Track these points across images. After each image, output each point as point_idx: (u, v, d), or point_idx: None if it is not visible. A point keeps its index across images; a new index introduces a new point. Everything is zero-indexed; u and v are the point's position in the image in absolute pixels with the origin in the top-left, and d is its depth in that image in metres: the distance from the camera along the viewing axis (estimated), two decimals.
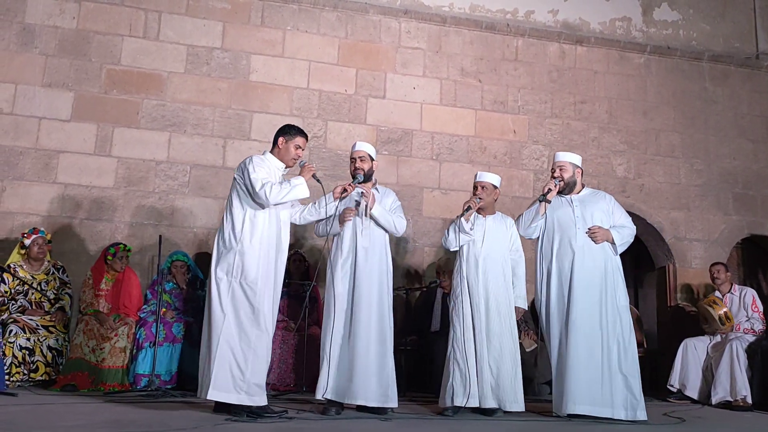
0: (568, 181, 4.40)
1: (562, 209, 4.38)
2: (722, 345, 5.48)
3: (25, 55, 5.93)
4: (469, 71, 6.90)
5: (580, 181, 4.48)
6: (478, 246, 4.34)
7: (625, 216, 4.43)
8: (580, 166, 4.50)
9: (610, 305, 4.16)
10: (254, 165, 3.80)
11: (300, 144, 3.98)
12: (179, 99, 6.17)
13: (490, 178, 4.54)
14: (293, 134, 3.98)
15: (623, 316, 4.18)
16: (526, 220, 4.43)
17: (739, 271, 7.38)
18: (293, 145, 3.96)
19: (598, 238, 4.23)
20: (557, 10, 7.26)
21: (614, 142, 7.10)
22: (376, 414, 3.94)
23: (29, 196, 5.73)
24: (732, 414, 4.95)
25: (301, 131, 4.03)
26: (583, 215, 4.31)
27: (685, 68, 7.44)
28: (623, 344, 4.11)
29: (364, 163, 4.25)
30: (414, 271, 6.39)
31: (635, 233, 4.42)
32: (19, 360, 4.73)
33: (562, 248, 4.29)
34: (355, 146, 4.35)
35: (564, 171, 4.41)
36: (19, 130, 5.80)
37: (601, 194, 4.52)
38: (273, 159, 3.97)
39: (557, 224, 4.36)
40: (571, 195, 4.42)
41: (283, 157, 3.98)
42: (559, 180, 4.37)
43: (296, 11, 6.57)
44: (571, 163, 4.45)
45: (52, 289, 5.17)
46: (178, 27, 6.29)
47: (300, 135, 4.00)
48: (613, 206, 4.42)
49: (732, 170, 7.32)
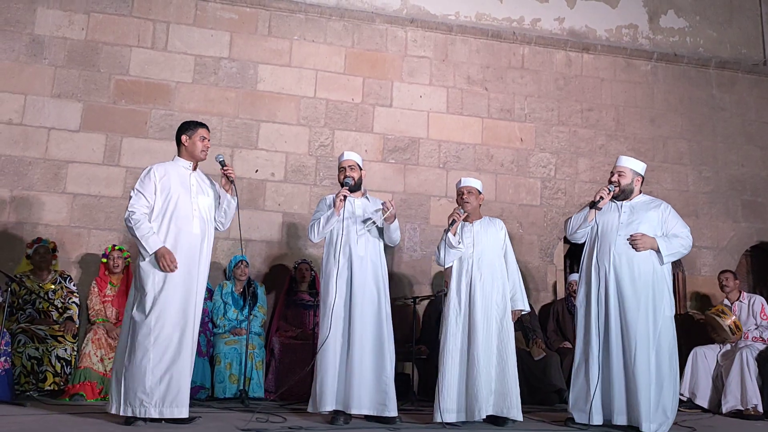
0: (624, 188, 4.26)
1: (609, 214, 4.26)
2: (732, 353, 5.44)
3: (34, 66, 5.98)
4: (475, 79, 6.90)
5: (638, 189, 4.33)
6: (469, 252, 4.28)
7: (681, 225, 4.22)
8: (642, 174, 4.34)
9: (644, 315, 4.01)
10: (135, 190, 3.78)
11: (204, 135, 3.92)
12: (187, 109, 6.20)
13: (474, 183, 4.47)
14: (194, 128, 3.94)
15: (665, 326, 4.04)
16: (573, 224, 4.32)
17: (748, 279, 7.33)
18: (198, 138, 3.90)
19: (639, 245, 4.08)
20: (563, 18, 7.27)
21: (622, 150, 7.07)
22: (384, 423, 3.93)
23: (39, 206, 5.76)
24: (743, 423, 4.91)
25: (200, 123, 4.00)
26: (628, 222, 4.17)
27: (692, 75, 7.42)
28: (662, 356, 3.98)
29: (354, 172, 4.26)
30: (421, 280, 6.38)
31: (691, 244, 4.22)
32: (27, 370, 4.74)
33: (601, 254, 4.18)
34: (343, 156, 4.38)
35: (622, 177, 4.27)
36: (28, 141, 5.84)
37: (657, 202, 4.31)
38: (180, 161, 3.91)
39: (601, 230, 4.24)
40: (624, 201, 4.28)
41: (192, 153, 3.91)
42: (615, 186, 4.24)
43: (303, 21, 6.61)
44: (632, 169, 4.30)
45: (59, 298, 5.19)
46: (186, 37, 6.33)
47: (200, 126, 3.95)
48: (669, 215, 4.22)
49: (740, 177, 7.29)
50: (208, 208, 3.90)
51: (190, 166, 3.92)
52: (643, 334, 3.99)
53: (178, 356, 3.60)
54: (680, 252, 4.19)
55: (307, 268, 5.84)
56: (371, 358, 3.98)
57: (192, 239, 3.76)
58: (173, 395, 3.55)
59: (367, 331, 4.00)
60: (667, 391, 3.98)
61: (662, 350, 4.01)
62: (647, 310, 4.04)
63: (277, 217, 6.22)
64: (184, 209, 3.77)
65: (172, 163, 3.92)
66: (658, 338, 4.02)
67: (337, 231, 4.12)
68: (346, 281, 4.07)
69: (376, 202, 4.37)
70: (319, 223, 4.15)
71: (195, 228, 3.78)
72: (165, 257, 3.62)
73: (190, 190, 3.84)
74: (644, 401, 3.88)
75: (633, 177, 4.28)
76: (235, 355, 5.22)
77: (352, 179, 4.21)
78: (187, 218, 3.76)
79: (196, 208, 3.81)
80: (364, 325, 4.00)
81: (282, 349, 5.47)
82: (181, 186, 3.82)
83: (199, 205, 3.84)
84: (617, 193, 4.25)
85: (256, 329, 5.44)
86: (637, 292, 4.06)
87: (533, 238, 6.68)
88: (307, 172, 6.35)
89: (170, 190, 3.78)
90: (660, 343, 4.01)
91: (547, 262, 6.71)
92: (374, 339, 4.02)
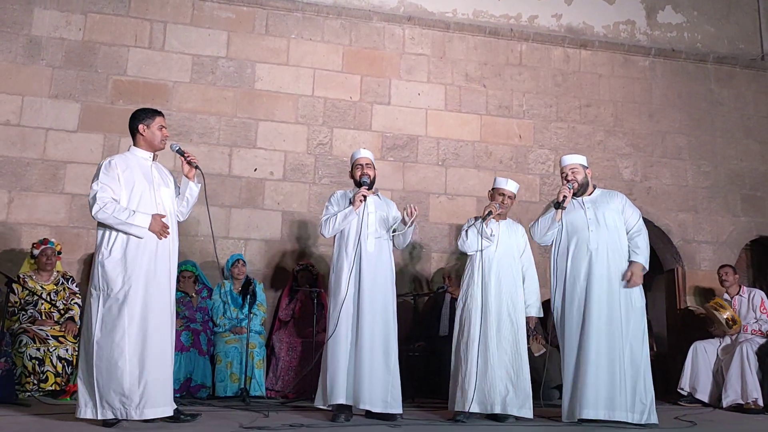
0: (582, 183, 4.37)
1: (575, 212, 4.34)
2: (732, 347, 5.45)
3: (31, 67, 5.97)
4: (473, 76, 6.90)
5: (591, 182, 4.46)
6: (491, 250, 4.32)
7: (635, 214, 4.33)
8: (588, 166, 4.48)
9: (624, 307, 4.12)
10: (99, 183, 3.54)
11: (162, 123, 3.73)
12: (185, 108, 6.19)
13: (513, 187, 4.53)
14: (151, 116, 3.73)
15: (638, 318, 4.15)
16: (542, 228, 4.38)
17: (748, 273, 7.34)
18: (156, 127, 3.71)
19: (636, 282, 4.16)
20: (561, 15, 7.27)
21: (620, 145, 7.09)
22: (384, 420, 3.94)
23: (37, 207, 5.76)
24: (743, 417, 4.92)
25: (156, 111, 3.79)
26: (595, 216, 4.27)
27: (690, 70, 7.42)
28: (636, 347, 4.08)
29: (370, 170, 4.32)
30: (421, 277, 6.39)
31: (645, 230, 4.33)
32: (29, 370, 4.74)
33: (578, 251, 4.24)
34: (359, 152, 4.42)
35: (576, 173, 4.37)
36: (26, 142, 5.84)
37: (613, 194, 4.45)
38: (138, 152, 3.71)
39: (571, 228, 4.31)
40: (583, 197, 4.39)
41: (152, 143, 3.71)
42: (573, 183, 4.33)
43: (300, 19, 6.60)
44: (580, 164, 4.42)
45: (61, 299, 5.19)
46: (183, 37, 6.32)
47: (157, 114, 3.75)
48: (625, 204, 4.35)
49: (739, 172, 7.29)
50: (171, 199, 3.73)
51: (149, 157, 3.72)
52: (620, 327, 4.08)
53: (155, 353, 3.44)
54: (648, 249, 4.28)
55: (308, 275, 5.82)
56: (380, 355, 4.01)
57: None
58: (155, 395, 3.41)
59: (377, 328, 4.04)
60: (644, 380, 4.05)
61: (636, 341, 4.10)
62: (623, 302, 4.13)
63: (277, 215, 6.22)
64: (148, 203, 3.58)
65: (130, 154, 3.71)
66: (632, 330, 4.10)
67: (352, 228, 4.16)
68: (355, 277, 4.09)
69: (387, 200, 4.44)
70: (335, 219, 4.18)
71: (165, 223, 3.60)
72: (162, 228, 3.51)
73: (152, 182, 3.65)
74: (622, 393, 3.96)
75: (584, 171, 4.41)
76: (235, 353, 5.23)
77: (369, 177, 4.25)
78: (151, 212, 3.56)
79: (159, 202, 3.63)
80: (373, 321, 4.04)
81: (283, 347, 5.47)
82: (144, 179, 3.63)
83: (162, 197, 3.66)
84: (576, 190, 4.35)
85: (256, 327, 5.44)
86: (613, 285, 4.15)
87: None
88: (306, 171, 6.35)
89: (134, 183, 3.58)
90: (634, 335, 4.10)
91: (546, 258, 6.64)
92: (382, 336, 4.05)
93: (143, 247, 3.51)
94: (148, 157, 3.74)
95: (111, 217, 3.46)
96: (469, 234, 4.28)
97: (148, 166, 3.72)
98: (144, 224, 3.49)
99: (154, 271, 3.52)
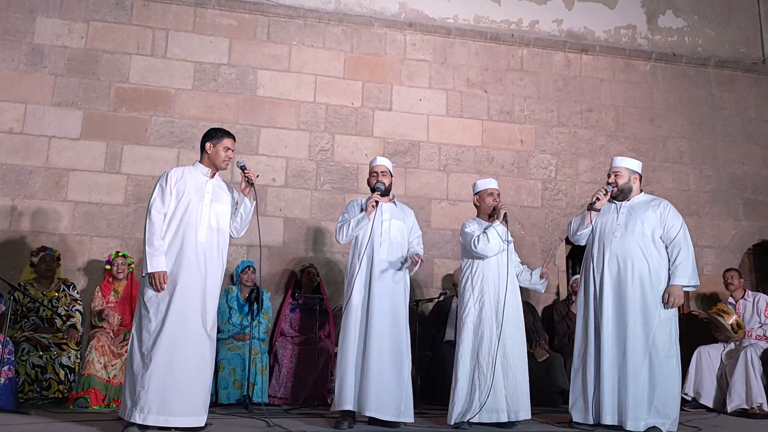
0: (623, 188, 4.28)
1: (608, 215, 4.28)
2: (736, 352, 5.43)
3: (34, 75, 5.99)
4: (474, 82, 6.91)
5: (637, 188, 4.33)
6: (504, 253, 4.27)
7: (676, 225, 4.14)
8: (639, 172, 4.34)
9: (641, 317, 4.03)
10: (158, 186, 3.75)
11: (228, 145, 3.87)
12: (187, 115, 6.21)
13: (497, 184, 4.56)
14: (219, 137, 3.88)
15: (662, 327, 4.05)
16: (574, 227, 4.37)
17: (751, 277, 7.32)
18: (222, 148, 3.85)
19: (676, 303, 4.06)
20: (562, 20, 7.28)
21: (622, 150, 7.08)
22: (388, 427, 3.93)
23: (40, 215, 5.77)
24: (748, 422, 4.90)
25: (226, 132, 3.94)
26: (626, 223, 4.18)
27: (691, 74, 7.43)
28: (661, 355, 4.00)
29: (385, 178, 4.34)
30: (423, 283, 6.38)
31: (691, 245, 4.14)
32: (31, 378, 4.74)
33: (599, 256, 4.21)
34: (376, 160, 4.45)
35: (619, 177, 4.29)
36: (29, 149, 5.85)
37: (657, 201, 4.27)
38: (200, 167, 3.87)
39: (599, 231, 4.27)
40: (623, 202, 4.29)
41: (214, 162, 3.86)
42: (613, 186, 4.27)
43: (302, 26, 6.62)
44: (628, 168, 4.31)
45: (63, 306, 5.19)
46: (185, 44, 6.34)
47: (226, 136, 3.90)
48: (668, 214, 4.17)
49: (741, 176, 7.29)
50: (221, 215, 3.81)
51: (208, 173, 3.86)
52: (637, 335, 4.01)
53: (187, 364, 3.51)
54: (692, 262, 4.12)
55: (314, 273, 5.83)
56: (390, 362, 3.99)
57: (198, 247, 3.67)
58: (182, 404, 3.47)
59: (386, 335, 4.02)
60: (664, 391, 3.98)
61: (657, 351, 4.00)
62: (642, 311, 4.05)
63: (279, 222, 6.22)
64: (193, 216, 3.70)
65: (191, 168, 3.87)
66: (653, 339, 4.02)
67: (363, 234, 4.17)
68: (365, 283, 4.10)
69: (403, 207, 4.45)
70: (349, 225, 4.19)
71: (201, 236, 3.68)
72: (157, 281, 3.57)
73: (204, 197, 3.76)
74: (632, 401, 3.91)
75: (629, 176, 4.29)
76: (238, 360, 5.21)
77: (383, 184, 4.27)
78: (194, 225, 3.68)
79: (205, 216, 3.72)
80: (382, 328, 4.02)
81: (286, 354, 5.46)
82: (195, 192, 3.75)
83: (210, 212, 3.75)
84: (616, 193, 4.28)
85: (259, 335, 5.43)
86: (631, 293, 4.07)
87: (535, 240, 6.67)
88: (308, 177, 6.36)
89: (183, 194, 3.72)
90: (655, 344, 4.01)
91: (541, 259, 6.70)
92: (392, 343, 4.03)
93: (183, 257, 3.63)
94: (207, 173, 3.86)
95: (148, 233, 3.64)
96: (490, 237, 4.18)
97: (204, 182, 3.82)
98: (153, 268, 3.58)
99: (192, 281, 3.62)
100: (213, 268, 3.72)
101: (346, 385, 3.94)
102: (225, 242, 3.83)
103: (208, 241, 3.71)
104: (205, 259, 3.68)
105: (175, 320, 3.54)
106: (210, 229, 3.73)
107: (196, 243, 3.67)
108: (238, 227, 3.94)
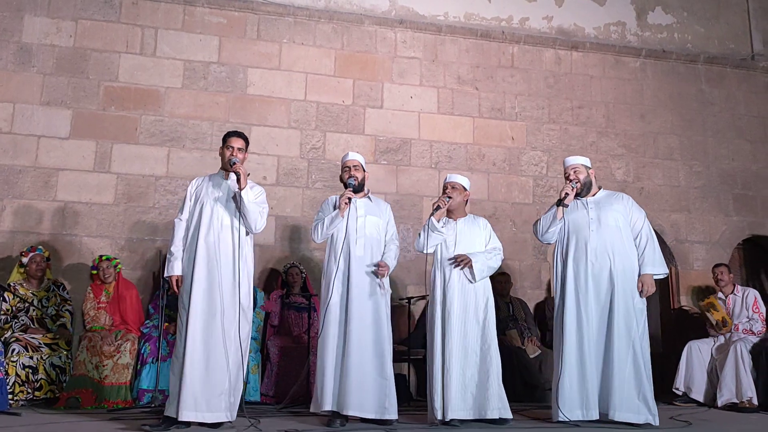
0: (585, 182, 4.40)
1: (578, 212, 4.37)
2: (726, 347, 5.46)
3: (22, 74, 5.95)
4: (465, 79, 6.92)
5: (595, 183, 4.48)
6: (450, 250, 4.32)
7: (640, 218, 4.34)
8: (591, 167, 4.51)
9: (624, 308, 4.12)
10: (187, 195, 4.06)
11: (230, 143, 4.04)
12: (177, 114, 6.18)
13: (460, 179, 4.55)
14: (225, 138, 4.11)
15: (638, 319, 4.15)
16: (543, 225, 4.41)
17: (741, 272, 7.37)
18: (225, 148, 4.06)
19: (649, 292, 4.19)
20: (552, 17, 7.29)
21: (612, 146, 7.11)
22: (381, 425, 3.92)
23: (29, 215, 5.73)
24: (738, 416, 4.93)
25: (230, 133, 4.13)
26: (598, 217, 4.30)
27: (680, 71, 7.46)
28: (636, 348, 4.08)
29: (358, 172, 4.30)
30: (416, 281, 6.38)
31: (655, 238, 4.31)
32: (22, 379, 4.71)
33: (578, 251, 4.27)
34: (348, 156, 4.41)
35: (579, 173, 4.41)
36: (18, 149, 5.81)
37: (619, 196, 4.47)
38: (220, 172, 4.10)
39: (572, 227, 4.34)
40: (587, 197, 4.41)
41: (223, 162, 4.08)
42: (576, 182, 4.36)
43: (292, 24, 6.60)
44: (583, 165, 4.47)
45: (52, 306, 5.17)
46: (175, 42, 6.31)
47: (229, 136, 4.10)
48: (631, 207, 4.38)
49: (731, 171, 7.33)
50: (234, 216, 3.94)
51: (223, 175, 4.05)
52: (622, 327, 4.09)
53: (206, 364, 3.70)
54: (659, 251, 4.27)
55: (297, 272, 5.82)
56: (371, 360, 3.97)
57: (209, 247, 3.85)
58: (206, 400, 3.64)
59: (366, 332, 3.99)
60: (646, 381, 4.05)
61: (637, 342, 4.11)
62: (625, 303, 4.14)
63: (270, 220, 6.18)
64: (205, 218, 3.90)
65: (214, 174, 4.12)
66: (634, 330, 4.11)
67: (339, 232, 4.15)
68: (343, 281, 4.08)
69: (378, 202, 4.41)
70: (323, 223, 4.17)
71: (211, 236, 3.87)
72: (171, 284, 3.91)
73: (217, 199, 3.95)
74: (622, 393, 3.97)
75: (587, 171, 4.45)
76: None
77: (356, 179, 4.24)
78: (204, 226, 3.88)
79: (217, 217, 3.90)
80: (362, 325, 3.99)
81: (277, 352, 5.46)
82: (210, 195, 3.96)
83: (222, 213, 3.92)
84: (579, 189, 4.39)
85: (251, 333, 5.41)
86: (614, 286, 4.16)
87: (526, 237, 6.68)
88: (300, 175, 6.35)
89: (199, 198, 3.97)
90: (635, 335, 4.11)
91: (540, 259, 6.73)
92: (374, 340, 4.00)
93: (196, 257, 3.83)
94: (222, 175, 4.07)
95: (172, 238, 3.97)
96: (420, 234, 4.33)
97: (220, 185, 4.03)
98: (167, 273, 3.92)
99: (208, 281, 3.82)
100: (226, 266, 3.86)
101: (325, 385, 3.92)
102: (240, 239, 3.91)
103: (217, 240, 3.87)
104: (217, 257, 3.84)
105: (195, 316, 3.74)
106: (222, 227, 3.90)
107: (206, 242, 3.86)
108: (246, 223, 3.98)
